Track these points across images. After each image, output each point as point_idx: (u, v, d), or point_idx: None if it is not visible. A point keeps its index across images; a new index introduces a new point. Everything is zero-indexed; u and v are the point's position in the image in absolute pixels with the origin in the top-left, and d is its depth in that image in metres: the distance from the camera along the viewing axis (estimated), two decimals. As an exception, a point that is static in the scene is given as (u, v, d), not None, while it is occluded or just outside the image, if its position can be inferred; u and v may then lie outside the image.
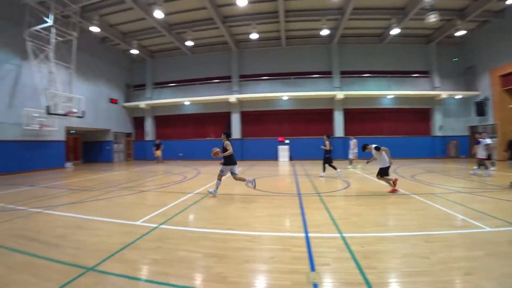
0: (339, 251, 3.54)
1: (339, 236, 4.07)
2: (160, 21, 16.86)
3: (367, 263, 3.16)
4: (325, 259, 3.31)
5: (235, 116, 21.07)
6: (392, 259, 3.35)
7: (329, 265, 3.17)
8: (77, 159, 21.11)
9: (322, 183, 9.48)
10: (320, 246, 3.74)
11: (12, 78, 13.97)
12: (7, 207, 6.47)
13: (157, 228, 4.62)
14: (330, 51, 20.11)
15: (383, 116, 20.35)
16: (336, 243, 3.84)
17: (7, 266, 3.30)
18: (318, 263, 3.20)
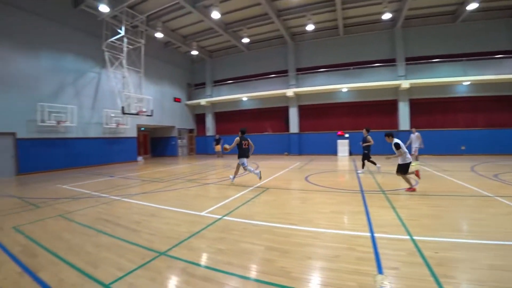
0: (409, 255, 3.20)
1: (409, 239, 3.69)
2: (217, 22, 17.48)
3: (443, 271, 2.79)
4: (393, 263, 3.03)
5: (292, 110, 20.80)
6: (473, 270, 2.88)
7: (398, 269, 2.89)
8: (146, 154, 23.55)
9: (386, 179, 8.77)
10: (387, 248, 3.44)
11: (94, 84, 16.12)
12: (93, 194, 7.45)
13: (221, 220, 4.80)
14: (393, 36, 18.24)
15: (457, 106, 17.67)
16: (406, 246, 3.49)
17: (95, 245, 3.80)
18: (386, 266, 2.96)
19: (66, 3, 14.58)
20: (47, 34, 13.57)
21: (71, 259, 3.35)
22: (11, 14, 12.20)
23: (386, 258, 3.13)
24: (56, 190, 8.27)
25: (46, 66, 13.53)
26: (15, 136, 12.30)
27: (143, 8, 15.89)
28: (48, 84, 13.57)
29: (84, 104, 15.30)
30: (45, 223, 4.93)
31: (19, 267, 3.18)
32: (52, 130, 13.67)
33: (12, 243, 3.94)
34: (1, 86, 11.81)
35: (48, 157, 13.54)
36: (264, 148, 21.87)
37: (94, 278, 2.88)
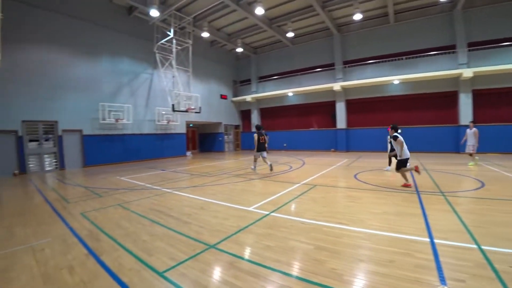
0: (477, 267, 2.77)
1: (476, 248, 3.21)
2: (261, 17, 17.41)
3: None
4: (458, 274, 2.65)
5: (339, 105, 19.90)
6: None
7: (465, 282, 2.52)
8: (194, 149, 24.67)
9: (446, 180, 7.87)
10: (451, 257, 3.02)
11: (147, 84, 17.29)
12: (147, 186, 7.94)
13: (268, 216, 4.73)
14: (452, 20, 16.10)
15: None
16: (473, 256, 3.03)
17: (150, 234, 4.00)
18: (450, 277, 2.60)
19: (122, 12, 15.86)
20: (106, 41, 14.92)
21: (129, 245, 3.57)
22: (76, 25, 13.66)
23: (449, 268, 2.76)
24: (116, 181, 9.01)
25: (105, 69, 14.87)
26: (82, 132, 13.75)
27: (190, 10, 16.52)
28: (107, 86, 14.91)
29: (138, 103, 16.52)
30: (106, 211, 5.36)
31: (85, 249, 3.49)
32: (111, 127, 15.02)
33: (80, 228, 4.35)
34: (70, 89, 13.30)
35: (108, 152, 14.96)
36: (310, 144, 21.41)
37: (149, 265, 3.01)
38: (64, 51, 13.13)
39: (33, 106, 12.08)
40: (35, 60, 12.18)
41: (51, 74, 12.65)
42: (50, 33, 12.62)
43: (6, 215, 5.30)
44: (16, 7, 11.54)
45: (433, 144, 16.98)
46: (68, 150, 13.27)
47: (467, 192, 6.34)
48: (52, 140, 12.85)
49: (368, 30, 18.81)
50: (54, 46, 12.80)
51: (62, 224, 4.60)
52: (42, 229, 4.35)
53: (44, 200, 6.53)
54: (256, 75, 24.34)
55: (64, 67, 13.10)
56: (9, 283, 2.75)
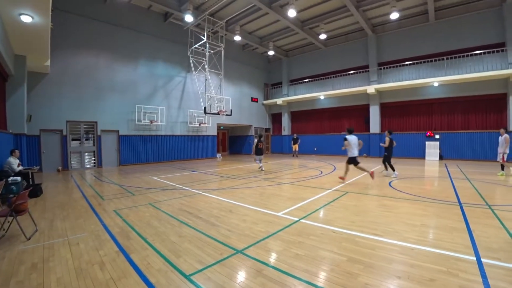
0: None
1: None
2: (293, 20, 17.26)
3: None
4: None
5: (373, 108, 19.08)
6: None
7: None
8: (224, 151, 24.99)
9: (492, 191, 7.12)
10: (502, 280, 2.63)
11: (181, 87, 17.83)
12: (177, 187, 8.09)
13: (298, 222, 4.56)
14: (502, 15, 14.54)
15: None
16: None
17: (179, 235, 4.00)
18: None
19: (158, 18, 16.58)
20: (143, 46, 15.66)
21: (157, 245, 3.59)
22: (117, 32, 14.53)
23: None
24: (148, 181, 9.31)
25: (142, 73, 15.58)
26: (118, 133, 14.48)
27: (223, 14, 16.87)
28: (143, 88, 15.60)
29: (172, 105, 17.08)
30: (138, 209, 5.49)
31: (116, 247, 3.56)
32: (146, 128, 15.66)
33: (113, 225, 4.48)
34: (109, 91, 14.12)
35: (142, 152, 15.63)
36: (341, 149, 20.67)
37: (176, 267, 2.98)
38: (105, 56, 14.01)
39: (76, 107, 13.00)
40: (80, 65, 13.12)
41: (93, 78, 13.55)
42: (93, 39, 13.53)
43: (49, 208, 5.64)
44: (64, 16, 12.49)
45: (477, 152, 15.60)
46: (106, 149, 14.05)
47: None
48: (91, 139, 13.68)
49: (406, 29, 17.82)
50: (96, 52, 13.70)
51: (96, 219, 4.79)
52: (79, 224, 4.55)
53: (82, 195, 6.89)
54: (288, 78, 24.15)
55: (105, 71, 13.95)
56: (46, 273, 2.88)
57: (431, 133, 16.89)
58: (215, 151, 20.31)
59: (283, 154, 23.46)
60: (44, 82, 12.06)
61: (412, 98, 17.75)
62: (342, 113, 21.33)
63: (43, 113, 11.98)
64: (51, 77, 12.24)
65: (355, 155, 8.72)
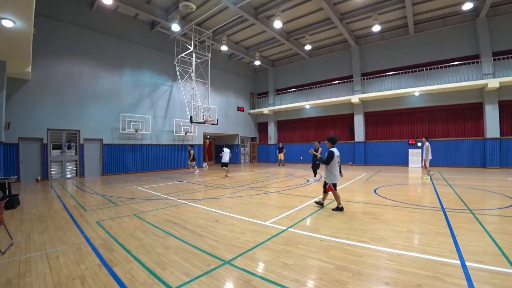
0: None
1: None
2: (279, 31, 17.63)
3: None
4: None
5: (358, 117, 19.56)
6: None
7: None
8: (210, 160, 24.73)
9: (473, 196, 7.38)
10: (487, 283, 2.71)
11: (167, 96, 17.71)
12: (163, 197, 7.93)
13: (286, 231, 4.54)
14: (476, 29, 15.55)
15: None
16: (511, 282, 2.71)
17: (164, 246, 3.90)
18: None
19: (145, 27, 16.55)
20: (129, 54, 15.52)
21: (142, 258, 3.48)
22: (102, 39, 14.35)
23: None
24: (132, 191, 9.08)
25: (127, 81, 15.39)
26: (102, 142, 14.14)
27: (210, 24, 17.02)
28: (129, 97, 15.38)
29: (157, 114, 16.88)
30: (122, 220, 5.33)
31: (98, 259, 3.42)
32: (131, 137, 15.37)
33: (95, 237, 4.32)
34: (93, 99, 13.83)
35: (127, 161, 15.27)
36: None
37: (162, 280, 2.89)
38: (89, 63, 13.76)
39: (58, 115, 12.63)
40: (63, 71, 12.83)
41: (76, 85, 13.24)
42: (77, 46, 13.31)
43: (26, 220, 5.39)
44: (48, 22, 12.25)
45: (457, 158, 16.25)
46: (89, 158, 13.66)
47: (498, 210, 5.92)
48: (74, 148, 13.27)
49: (387, 41, 18.59)
50: (81, 59, 13.46)
51: (77, 231, 4.60)
52: (58, 236, 4.36)
53: (62, 206, 6.63)
54: (274, 87, 24.47)
55: (89, 79, 13.68)
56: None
57: (414, 141, 17.44)
58: (201, 161, 20.13)
59: (270, 163, 23.53)
60: (25, 89, 11.69)
61: (395, 107, 18.36)
62: (327, 122, 21.73)
63: (22, 120, 11.55)
64: (32, 83, 11.86)
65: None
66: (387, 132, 18.92)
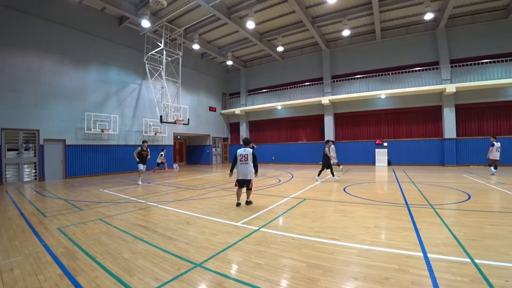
0: (473, 282, 2.69)
1: (470, 262, 3.16)
2: (251, 31, 17.70)
3: None
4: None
5: (328, 118, 20.20)
6: None
7: None
8: (182, 161, 24.23)
9: (434, 192, 7.95)
10: (446, 272, 2.94)
11: (136, 95, 17.07)
12: (131, 200, 7.63)
13: (258, 231, 4.56)
14: (436, 37, 16.83)
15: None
16: (467, 270, 2.96)
17: (132, 252, 3.74)
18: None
19: (113, 22, 15.79)
20: (94, 50, 14.71)
21: (108, 265, 3.31)
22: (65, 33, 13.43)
23: (446, 285, 2.66)
24: (98, 194, 8.64)
25: (93, 78, 14.59)
26: (65, 142, 13.28)
27: (181, 22, 16.67)
28: (94, 95, 14.59)
29: (125, 114, 16.20)
30: (87, 226, 5.05)
31: (59, 269, 3.20)
32: (97, 137, 14.61)
33: (56, 245, 4.04)
34: (55, 97, 12.94)
35: (92, 163, 14.48)
36: (298, 157, 21.44)
37: (129, 287, 2.77)
38: (51, 59, 12.86)
39: (14, 114, 11.66)
40: (21, 67, 11.87)
41: (36, 82, 12.30)
42: (37, 40, 12.39)
43: (-25, 230, 4.91)
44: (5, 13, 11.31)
45: (419, 157, 17.37)
46: (50, 160, 12.76)
47: (455, 205, 6.40)
48: (32, 149, 12.33)
49: (356, 46, 19.41)
50: (41, 53, 12.53)
51: (36, 240, 4.27)
52: (14, 246, 4.02)
53: (19, 213, 6.13)
54: (246, 88, 24.50)
55: (49, 75, 12.77)
56: (-30, 309, 2.47)
57: (380, 141, 18.34)
58: (172, 161, 19.65)
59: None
60: (-26, 86, 10.67)
61: (363, 109, 19.24)
62: (298, 123, 22.18)
63: (-29, 121, 10.55)
64: (-16, 79, 10.87)
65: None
66: (356, 133, 19.73)
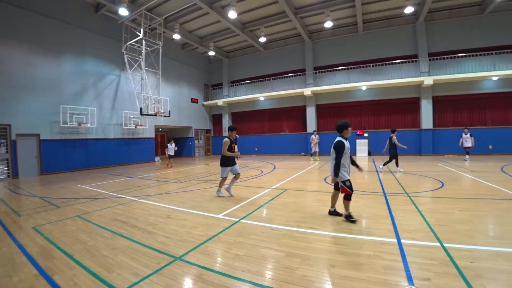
0: (441, 265, 2.90)
1: (439, 246, 3.38)
2: (234, 21, 17.42)
3: (482, 284, 2.51)
4: (424, 273, 2.75)
5: (310, 109, 20.41)
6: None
7: (430, 280, 2.61)
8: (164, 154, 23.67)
9: (410, 181, 8.34)
10: (417, 256, 3.15)
11: (114, 86, 16.48)
12: (111, 195, 7.50)
13: (238, 223, 4.63)
14: (415, 31, 17.32)
15: (485, 103, 16.48)
16: (437, 254, 3.18)
17: (111, 248, 3.72)
18: (417, 276, 2.69)
19: (88, 9, 15.02)
20: (69, 39, 14.01)
21: (86, 262, 3.28)
22: (37, 20, 12.66)
23: (416, 268, 2.85)
24: (76, 190, 8.42)
25: (68, 69, 13.95)
26: (39, 137, 12.73)
27: (161, 11, 16.14)
28: (70, 87, 13.97)
29: (104, 106, 15.67)
30: (64, 223, 4.94)
31: (35, 269, 3.13)
32: (74, 131, 14.08)
33: (31, 244, 3.94)
34: (27, 89, 12.26)
35: (70, 158, 13.97)
36: (281, 148, 21.63)
37: (108, 283, 2.77)
38: (21, 48, 12.10)
39: (-18, 108, 11.02)
40: (-14, 57, 11.15)
41: (5, 73, 11.58)
42: (6, 28, 11.59)
43: None
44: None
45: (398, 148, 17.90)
46: (23, 156, 12.19)
47: (429, 192, 6.75)
48: (3, 145, 11.75)
49: (338, 37, 19.58)
50: (10, 42, 11.76)
51: (10, 240, 4.14)
52: (-14, 247, 3.89)
53: (-9, 212, 5.91)
54: (228, 79, 24.26)
55: (20, 65, 12.07)
56: None
57: (361, 131, 18.79)
58: (153, 155, 19.31)
59: (226, 155, 23.42)
60: None
61: (344, 100, 19.58)
62: (281, 114, 22.32)
63: None
64: None
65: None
66: (337, 124, 20.08)
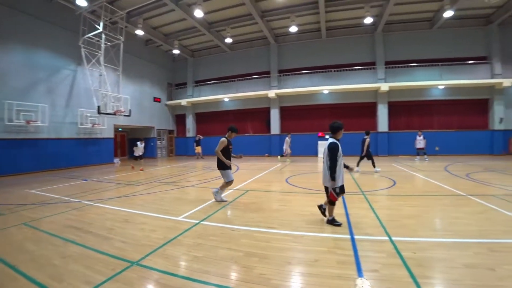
0: (388, 257, 3.23)
1: (388, 240, 3.75)
2: (200, 20, 17.25)
3: (421, 272, 2.84)
4: (373, 265, 3.04)
5: (274, 111, 20.85)
6: (451, 269, 2.94)
7: (378, 271, 2.89)
8: (124, 155, 22.69)
9: (365, 180, 8.98)
10: (368, 250, 3.46)
11: (69, 82, 15.37)
12: (63, 199, 7.06)
13: (198, 224, 4.66)
14: (374, 40, 18.76)
15: (433, 109, 18.49)
16: (385, 247, 3.52)
17: (62, 256, 3.53)
18: (366, 268, 2.96)
19: (41, -4, 13.78)
20: (18, 27, 12.79)
21: (33, 273, 3.07)
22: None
23: (366, 261, 3.13)
24: (24, 195, 7.76)
25: (15, 61, 12.73)
26: (-20, 136, 11.49)
27: (124, 4, 15.36)
28: (17, 81, 12.76)
29: (57, 103, 14.54)
30: (8, 232, 4.56)
31: (-29, 285, 2.89)
32: (21, 130, 12.87)
33: (-31, 256, 3.60)
34: (-36, 82, 11.01)
35: (17, 159, 12.71)
36: (245, 150, 21.65)
37: (57, 293, 2.66)
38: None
39: None
40: None
41: None
42: None
43: None
44: None
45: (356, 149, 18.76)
46: (-41, 156, 10.94)
47: (382, 191, 7.34)
48: None
49: (303, 42, 20.36)
50: None
51: None
52: None
53: None
54: (193, 78, 23.90)
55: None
56: None
57: (322, 133, 19.61)
58: (112, 156, 18.38)
59: (188, 156, 22.97)
60: None
61: (307, 103, 20.39)
62: (246, 115, 22.51)
63: None
64: None
65: None
66: (300, 126, 20.79)
